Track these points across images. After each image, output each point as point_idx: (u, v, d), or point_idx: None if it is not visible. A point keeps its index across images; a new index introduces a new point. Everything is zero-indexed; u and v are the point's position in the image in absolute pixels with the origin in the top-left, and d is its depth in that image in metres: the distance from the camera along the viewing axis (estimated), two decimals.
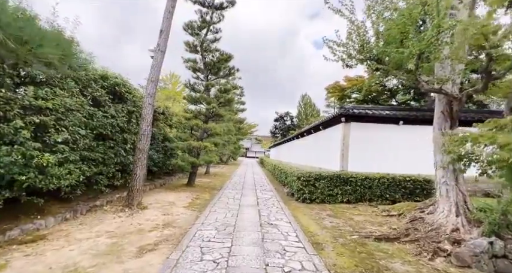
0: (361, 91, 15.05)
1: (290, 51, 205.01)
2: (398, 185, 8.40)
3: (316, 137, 14.45)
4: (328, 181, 8.55)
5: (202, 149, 10.65)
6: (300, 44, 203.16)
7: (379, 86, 14.58)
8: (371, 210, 7.59)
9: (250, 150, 73.21)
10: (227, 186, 11.88)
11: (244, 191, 10.46)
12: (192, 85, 10.98)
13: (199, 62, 11.23)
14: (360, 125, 10.25)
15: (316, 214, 7.09)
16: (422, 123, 10.03)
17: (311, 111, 42.38)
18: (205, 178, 14.87)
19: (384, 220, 6.48)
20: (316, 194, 8.50)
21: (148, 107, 7.11)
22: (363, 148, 10.10)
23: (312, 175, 8.59)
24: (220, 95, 10.92)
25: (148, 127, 7.10)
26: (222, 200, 8.41)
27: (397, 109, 10.42)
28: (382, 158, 9.98)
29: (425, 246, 4.60)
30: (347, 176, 8.53)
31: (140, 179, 6.87)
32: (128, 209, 6.42)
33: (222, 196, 9.33)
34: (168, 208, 7.13)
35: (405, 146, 10.04)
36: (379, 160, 9.94)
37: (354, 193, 8.49)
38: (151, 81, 7.23)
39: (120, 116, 7.36)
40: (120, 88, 7.47)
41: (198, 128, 10.72)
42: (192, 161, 10.42)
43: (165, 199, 8.27)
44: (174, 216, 6.26)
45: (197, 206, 7.48)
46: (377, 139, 10.16)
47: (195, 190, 10.49)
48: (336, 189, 8.52)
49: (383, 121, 10.19)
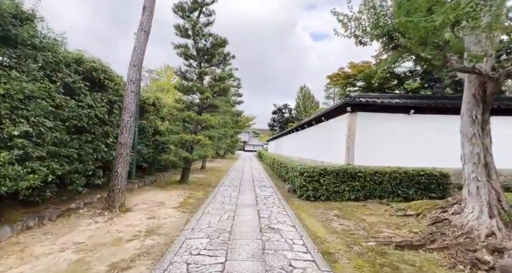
0: (367, 79, 14.09)
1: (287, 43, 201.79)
2: (412, 180, 7.63)
3: (318, 129, 13.62)
4: (334, 177, 7.76)
5: (196, 143, 9.80)
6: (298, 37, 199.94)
7: (386, 73, 13.66)
8: (383, 209, 6.82)
9: (248, 144, 72.40)
10: (223, 182, 11.07)
11: (242, 188, 9.66)
12: (184, 73, 10.04)
13: (192, 48, 10.27)
14: (367, 115, 9.43)
15: (323, 214, 6.30)
16: (435, 111, 9.26)
17: (310, 103, 41.42)
18: (201, 174, 14.05)
19: (401, 221, 5.70)
20: (321, 191, 7.72)
21: (130, 95, 6.22)
22: (370, 140, 9.31)
23: (316, 170, 7.79)
24: (214, 84, 10.00)
25: (131, 119, 6.21)
26: (217, 199, 7.60)
27: (407, 97, 9.60)
28: (391, 151, 9.21)
29: (459, 256, 3.82)
30: (355, 171, 7.73)
31: (122, 177, 6.02)
32: (108, 213, 5.59)
33: (218, 194, 8.52)
34: (156, 209, 6.31)
35: (416, 137, 9.26)
36: (387, 153, 9.17)
37: (362, 190, 7.71)
38: (133, 66, 6.31)
39: (99, 106, 6.46)
40: (98, 75, 6.54)
41: (190, 120, 9.83)
42: (185, 156, 9.58)
43: (154, 199, 7.45)
44: (161, 220, 5.44)
45: (189, 207, 6.67)
46: (385, 130, 9.36)
47: (189, 187, 9.67)
48: (343, 185, 7.73)
49: (392, 111, 9.37)
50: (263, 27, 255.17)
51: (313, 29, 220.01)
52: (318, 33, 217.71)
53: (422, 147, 9.17)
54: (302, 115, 39.37)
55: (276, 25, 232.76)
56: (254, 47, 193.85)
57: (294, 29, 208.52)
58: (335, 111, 10.51)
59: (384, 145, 9.27)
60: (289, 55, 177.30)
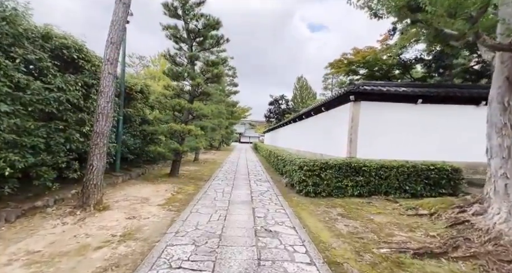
0: (372, 66, 13.19)
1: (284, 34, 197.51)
2: (420, 176, 7.02)
3: (317, 120, 12.93)
4: (337, 171, 7.11)
5: (187, 133, 9.04)
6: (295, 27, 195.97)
7: (392, 58, 12.84)
8: (391, 206, 6.21)
9: (243, 135, 71.68)
10: (217, 176, 10.39)
11: (236, 182, 8.99)
12: (173, 56, 9.17)
13: (182, 30, 9.38)
14: (372, 104, 8.75)
15: (325, 213, 5.67)
16: (444, 101, 8.60)
17: (307, 94, 40.58)
18: (193, 166, 13.34)
19: (413, 221, 5.09)
20: (322, 186, 7.08)
21: (108, 77, 5.41)
22: (374, 132, 8.66)
23: (317, 164, 7.13)
24: (207, 69, 9.17)
25: (109, 104, 5.43)
26: (209, 195, 6.93)
27: (415, 85, 8.92)
28: (396, 144, 8.59)
29: (492, 269, 3.21)
30: (359, 165, 7.09)
31: (99, 171, 5.27)
32: (81, 211, 4.87)
33: (210, 188, 7.84)
34: (138, 207, 5.61)
35: (424, 129, 8.64)
36: (392, 146, 8.55)
37: (367, 185, 7.09)
38: (111, 43, 5.48)
39: (72, 90, 5.65)
40: (71, 53, 5.70)
41: (180, 108, 9.04)
42: (174, 147, 8.83)
43: (138, 194, 6.74)
44: (142, 220, 4.74)
45: (176, 204, 5.98)
46: (391, 121, 8.71)
47: (179, 181, 8.97)
48: (346, 180, 7.10)
49: (398, 100, 8.69)
50: (260, 17, 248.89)
51: (311, 19, 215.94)
52: (316, 24, 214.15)
53: (430, 140, 8.56)
54: (299, 106, 38.60)
55: (273, 15, 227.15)
56: (250, 38, 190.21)
57: (291, 19, 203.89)
58: (337, 100, 9.80)
59: (388, 137, 8.64)
60: (286, 47, 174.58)
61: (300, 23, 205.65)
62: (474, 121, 8.65)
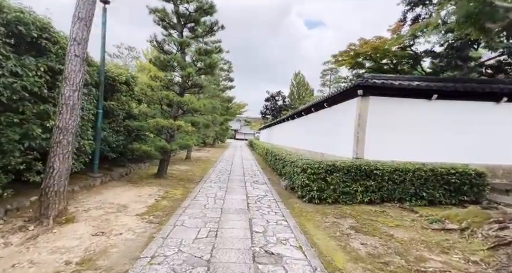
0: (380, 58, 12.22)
1: (281, 31, 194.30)
2: (439, 180, 6.21)
3: (318, 117, 12.06)
4: (345, 174, 6.27)
5: (176, 130, 8.08)
6: (292, 24, 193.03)
7: (402, 49, 11.87)
8: (409, 217, 5.37)
9: (239, 132, 70.73)
10: (209, 177, 9.46)
11: (231, 185, 8.08)
12: (160, 43, 8.15)
13: (171, 14, 8.36)
14: (381, 100, 7.90)
15: (335, 225, 4.81)
16: (462, 97, 7.79)
17: (304, 90, 39.65)
18: (184, 165, 12.38)
19: (442, 238, 4.25)
20: (328, 191, 6.23)
21: (74, 61, 4.42)
22: (384, 130, 7.82)
23: (322, 166, 6.27)
24: (199, 58, 8.18)
25: (76, 94, 4.44)
26: (198, 201, 6.01)
27: (430, 79, 8.08)
28: (408, 144, 7.78)
29: None
30: (370, 167, 6.25)
31: (61, 175, 4.31)
32: (36, 226, 3.92)
33: (200, 193, 6.92)
34: (112, 218, 4.67)
35: (439, 127, 7.82)
36: (404, 146, 7.74)
37: (378, 191, 6.26)
38: (78, 19, 4.48)
39: (32, 75, 4.64)
40: (30, 31, 4.68)
41: (169, 102, 8.07)
42: (161, 145, 7.88)
43: (116, 200, 5.79)
44: (112, 238, 3.81)
45: (159, 214, 5.06)
46: (402, 118, 7.88)
47: (166, 183, 8.02)
48: (355, 185, 6.26)
49: (411, 95, 7.85)
50: (256, 13, 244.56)
51: (308, 16, 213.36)
52: (313, 20, 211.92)
53: (445, 139, 7.75)
54: (296, 103, 37.74)
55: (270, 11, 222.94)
56: (247, 34, 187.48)
57: (288, 15, 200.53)
58: (342, 95, 8.92)
59: (399, 136, 7.80)
60: (283, 43, 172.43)
61: (297, 19, 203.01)
62: (494, 119, 7.91)
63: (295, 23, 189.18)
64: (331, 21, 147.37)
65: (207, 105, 10.33)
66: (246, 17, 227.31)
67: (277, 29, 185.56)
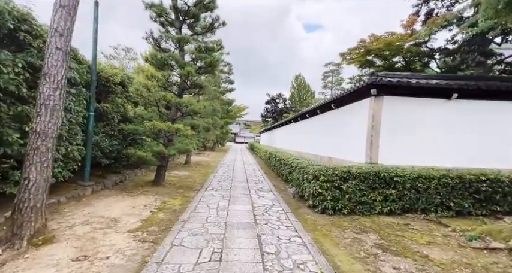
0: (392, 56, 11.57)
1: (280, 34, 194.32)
2: (468, 188, 5.58)
3: (324, 119, 11.44)
4: (361, 182, 5.65)
5: (174, 133, 7.46)
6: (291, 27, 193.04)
7: (417, 46, 11.22)
8: (439, 232, 4.73)
9: (239, 135, 70.12)
10: (210, 183, 8.82)
11: (234, 193, 7.44)
12: (157, 40, 7.56)
13: (169, 9, 7.79)
14: (396, 100, 7.30)
15: (356, 242, 4.18)
16: (485, 96, 7.19)
17: (305, 92, 39.10)
18: (184, 170, 11.73)
19: (489, 261, 3.60)
20: (343, 201, 5.61)
21: (56, 54, 3.82)
22: (399, 132, 7.22)
23: (336, 173, 5.65)
24: (199, 56, 7.59)
25: (58, 93, 3.83)
26: (199, 214, 5.37)
27: (449, 77, 7.48)
28: (426, 146, 7.16)
29: None
30: (390, 174, 5.63)
31: (39, 187, 3.67)
32: (6, 249, 3.27)
33: (201, 203, 6.27)
34: (100, 235, 4.03)
35: (460, 129, 7.21)
36: (422, 149, 7.14)
37: (399, 200, 5.64)
38: (60, 7, 3.88)
39: (7, 72, 4.04)
40: (4, 22, 4.08)
41: (166, 103, 7.47)
42: (158, 150, 7.25)
43: (107, 213, 5.14)
44: (96, 263, 3.17)
45: (154, 230, 4.42)
46: (420, 119, 7.28)
47: (164, 191, 7.38)
48: (373, 194, 5.63)
49: (429, 94, 7.25)
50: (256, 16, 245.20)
51: (307, 19, 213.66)
52: (312, 24, 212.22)
53: (467, 142, 7.14)
54: (297, 105, 37.17)
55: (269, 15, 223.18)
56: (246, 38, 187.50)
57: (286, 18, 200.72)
58: (352, 95, 8.32)
59: (417, 139, 7.19)
60: (282, 47, 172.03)
61: (296, 22, 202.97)
62: None
63: (294, 26, 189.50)
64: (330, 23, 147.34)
65: (207, 107, 9.73)
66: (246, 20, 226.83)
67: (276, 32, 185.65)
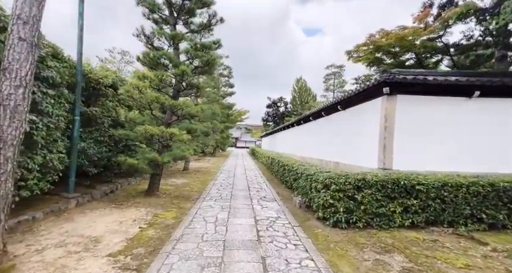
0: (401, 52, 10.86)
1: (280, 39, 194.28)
2: (502, 198, 4.89)
3: (330, 122, 10.80)
4: (379, 191, 4.98)
5: (168, 138, 6.82)
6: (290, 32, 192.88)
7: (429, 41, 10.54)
8: (476, 251, 4.03)
9: (240, 140, 69.48)
10: (209, 192, 8.13)
11: (235, 203, 6.76)
12: (149, 37, 6.97)
13: (162, 5, 7.22)
14: (411, 99, 6.69)
15: (380, 266, 3.49)
16: (509, 94, 6.54)
17: (306, 96, 38.49)
18: (181, 178, 11.05)
19: None
20: (358, 213, 4.94)
21: (18, 46, 3.20)
22: (415, 134, 6.59)
23: (349, 181, 4.99)
24: (195, 54, 6.98)
25: (21, 91, 3.20)
26: (195, 230, 4.69)
27: (471, 73, 6.83)
28: (445, 150, 6.51)
29: None
30: (411, 182, 4.96)
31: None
32: None
33: (197, 216, 5.60)
34: (72, 263, 3.35)
35: (483, 129, 6.56)
36: (440, 153, 6.49)
37: (423, 211, 4.95)
38: None
39: None
40: None
41: (160, 105, 6.85)
42: (151, 157, 6.60)
43: (89, 230, 4.48)
44: None
45: (140, 252, 3.74)
46: (437, 120, 6.63)
47: (157, 202, 6.71)
48: (392, 204, 4.96)
49: (447, 92, 6.63)
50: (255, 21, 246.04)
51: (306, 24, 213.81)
52: (312, 28, 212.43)
53: (490, 144, 6.47)
54: (299, 108, 36.54)
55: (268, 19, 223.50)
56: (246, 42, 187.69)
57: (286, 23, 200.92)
58: (362, 95, 7.69)
59: (435, 141, 6.55)
60: (282, 51, 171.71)
61: (296, 26, 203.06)
62: None
63: (294, 30, 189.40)
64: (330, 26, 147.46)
65: (205, 110, 9.08)
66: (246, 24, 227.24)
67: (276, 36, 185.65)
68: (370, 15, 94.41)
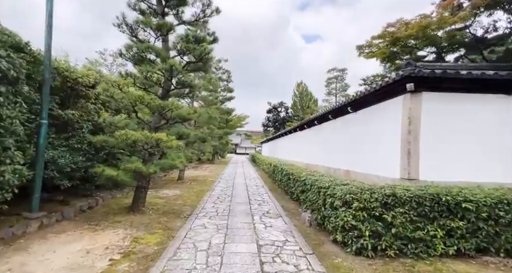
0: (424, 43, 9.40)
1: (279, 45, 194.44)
2: None
3: (339, 125, 9.77)
4: (413, 209, 3.94)
5: (155, 145, 5.79)
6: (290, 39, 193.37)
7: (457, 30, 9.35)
8: None
9: (239, 146, 68.37)
10: (204, 207, 7.06)
11: (233, 222, 5.69)
12: (132, 27, 6.02)
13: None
14: (440, 97, 5.69)
15: None
16: None
17: (307, 100, 37.60)
18: (174, 189, 9.97)
19: None
20: (388, 237, 3.89)
21: None
22: (446, 139, 5.58)
23: (376, 197, 3.97)
24: (186, 46, 6.01)
25: None
26: (180, 263, 3.62)
27: (509, 66, 5.86)
28: (485, 158, 5.48)
29: None
30: (455, 198, 3.92)
31: None
32: None
33: (186, 240, 4.53)
34: None
35: None
36: (478, 161, 5.46)
37: (472, 236, 3.90)
38: None
39: None
40: None
41: (145, 105, 5.85)
42: (133, 168, 5.56)
43: (38, 269, 3.42)
44: None
45: None
46: (472, 121, 5.63)
47: (141, 220, 5.64)
48: (431, 226, 3.92)
49: (481, 89, 5.64)
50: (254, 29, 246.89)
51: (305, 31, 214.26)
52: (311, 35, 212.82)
53: None
54: (299, 113, 35.59)
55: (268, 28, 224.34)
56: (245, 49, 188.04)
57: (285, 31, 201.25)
58: (377, 94, 6.69)
59: (471, 147, 5.53)
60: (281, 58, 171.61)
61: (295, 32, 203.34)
62: None
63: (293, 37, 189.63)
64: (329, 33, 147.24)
65: (203, 114, 8.07)
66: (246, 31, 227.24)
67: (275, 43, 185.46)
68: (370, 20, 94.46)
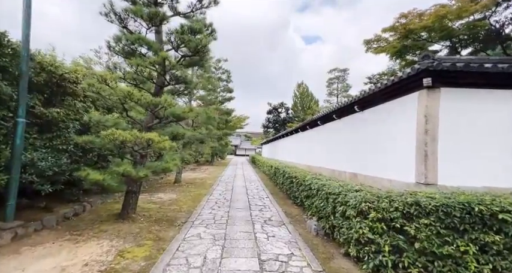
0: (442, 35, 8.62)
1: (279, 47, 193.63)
2: None
3: (344, 125, 9.23)
4: (439, 220, 3.40)
5: (146, 146, 5.25)
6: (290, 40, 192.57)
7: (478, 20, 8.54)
8: None
9: (239, 148, 67.78)
10: (200, 213, 6.52)
11: (231, 231, 5.14)
12: (122, 17, 5.48)
13: None
14: (460, 93, 5.17)
15: None
16: None
17: (308, 101, 37.03)
18: (170, 192, 9.41)
19: None
20: (410, 253, 3.35)
21: None
22: (467, 139, 5.05)
23: (396, 205, 3.44)
24: (180, 38, 5.47)
25: None
26: None
27: None
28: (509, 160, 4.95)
29: None
30: (489, 208, 3.38)
31: None
32: None
33: (178, 254, 3.97)
34: None
35: None
36: (504, 164, 4.92)
37: (510, 252, 3.35)
38: None
39: None
40: None
41: (135, 102, 5.31)
42: (123, 171, 5.01)
43: None
44: None
45: None
46: (497, 120, 5.10)
47: (130, 229, 5.09)
48: (461, 241, 3.36)
49: (505, 84, 5.12)
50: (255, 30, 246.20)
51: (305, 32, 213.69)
52: (310, 36, 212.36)
53: None
54: (300, 114, 35.06)
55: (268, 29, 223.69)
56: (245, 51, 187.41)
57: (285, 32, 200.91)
58: (389, 91, 6.17)
59: (493, 148, 5.00)
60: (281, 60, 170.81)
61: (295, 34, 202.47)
62: None
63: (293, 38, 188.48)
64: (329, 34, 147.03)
65: (200, 114, 7.53)
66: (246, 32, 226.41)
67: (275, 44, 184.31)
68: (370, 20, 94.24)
